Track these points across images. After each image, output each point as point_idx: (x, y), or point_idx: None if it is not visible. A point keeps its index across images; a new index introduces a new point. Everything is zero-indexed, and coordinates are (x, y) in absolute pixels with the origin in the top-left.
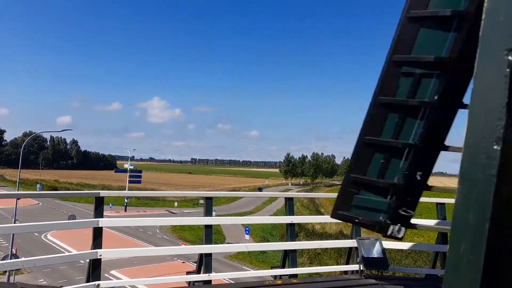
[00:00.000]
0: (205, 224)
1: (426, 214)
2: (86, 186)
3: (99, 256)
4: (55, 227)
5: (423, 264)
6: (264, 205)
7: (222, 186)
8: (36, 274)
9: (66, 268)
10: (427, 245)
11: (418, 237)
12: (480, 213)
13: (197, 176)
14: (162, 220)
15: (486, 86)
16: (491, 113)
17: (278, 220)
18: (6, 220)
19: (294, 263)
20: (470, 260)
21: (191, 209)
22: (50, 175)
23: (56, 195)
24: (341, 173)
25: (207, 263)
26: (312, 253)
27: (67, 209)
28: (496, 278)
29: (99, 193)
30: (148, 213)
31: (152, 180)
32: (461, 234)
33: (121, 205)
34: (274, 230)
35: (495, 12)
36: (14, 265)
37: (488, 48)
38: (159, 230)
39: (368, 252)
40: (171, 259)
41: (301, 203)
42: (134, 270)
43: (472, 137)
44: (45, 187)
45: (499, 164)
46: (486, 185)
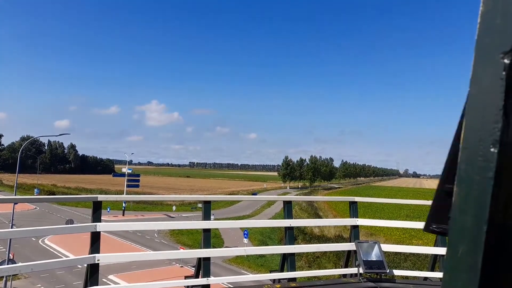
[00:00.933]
0: (204, 228)
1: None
2: (84, 190)
3: (97, 261)
4: (53, 231)
5: (422, 267)
6: (263, 209)
7: (221, 190)
8: (33, 279)
9: (64, 273)
10: (425, 247)
11: (416, 240)
12: (477, 215)
13: (195, 180)
14: (160, 224)
15: (483, 89)
16: (488, 116)
17: (276, 224)
18: (3, 224)
19: (292, 266)
20: (468, 263)
21: (189, 213)
22: (47, 179)
23: (53, 200)
24: (339, 176)
25: (206, 267)
26: (311, 256)
27: (65, 214)
28: (495, 281)
29: (97, 198)
30: (146, 217)
31: (150, 184)
32: (459, 237)
33: (119, 210)
34: (273, 234)
35: (491, 15)
36: (11, 270)
37: (484, 51)
38: (157, 234)
39: (366, 255)
40: (169, 264)
41: (300, 206)
42: (132, 275)
43: (469, 140)
44: (42, 191)
45: (496, 166)
46: (484, 188)
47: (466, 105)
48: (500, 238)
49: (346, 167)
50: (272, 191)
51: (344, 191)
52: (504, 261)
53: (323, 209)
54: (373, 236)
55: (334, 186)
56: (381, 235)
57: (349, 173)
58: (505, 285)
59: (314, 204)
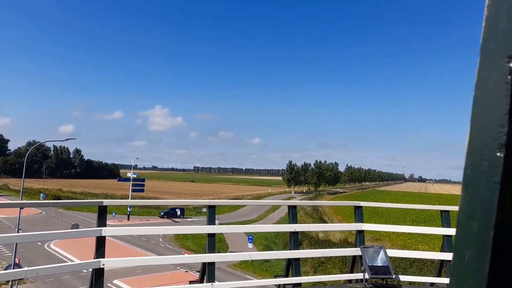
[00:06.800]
0: (208, 232)
1: (431, 222)
2: (89, 195)
3: (102, 265)
4: (58, 236)
5: (428, 272)
6: (267, 214)
7: (225, 195)
8: (39, 283)
9: (69, 278)
10: (431, 253)
11: (422, 245)
12: (484, 220)
13: (200, 185)
14: (165, 229)
15: (488, 93)
16: (493, 120)
17: (281, 229)
18: (10, 229)
19: (297, 271)
20: (475, 268)
21: (194, 218)
22: (53, 184)
23: (59, 205)
24: (344, 180)
25: (210, 272)
26: (316, 261)
27: (71, 218)
28: (502, 286)
29: (102, 202)
30: (151, 222)
31: (155, 188)
32: (466, 242)
33: (124, 214)
34: (278, 239)
35: (495, 19)
36: (17, 274)
37: (489, 55)
38: (162, 239)
39: (372, 260)
40: (174, 268)
41: (304, 211)
42: (137, 280)
43: (475, 144)
44: (48, 196)
45: (503, 171)
46: (490, 192)
47: (472, 110)
48: (507, 243)
49: (351, 172)
50: (277, 196)
51: (349, 195)
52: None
53: (328, 213)
54: (379, 241)
55: (339, 191)
56: (387, 240)
57: (354, 177)
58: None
59: (319, 209)
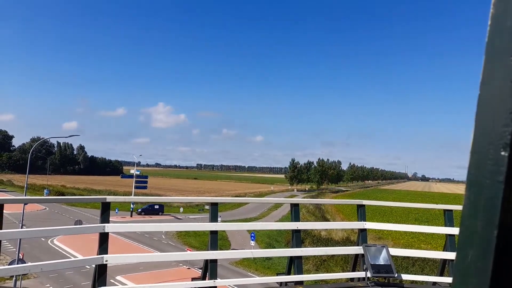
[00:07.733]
0: (211, 230)
1: (433, 221)
2: (93, 191)
3: (105, 262)
4: (62, 232)
5: (431, 271)
6: (270, 211)
7: (228, 192)
8: (42, 279)
9: (72, 273)
10: (434, 252)
11: (425, 244)
12: (488, 219)
13: (203, 182)
14: (168, 226)
15: (493, 92)
16: (498, 119)
17: (283, 226)
18: (13, 225)
19: (299, 269)
20: (478, 268)
21: (196, 215)
22: (57, 180)
23: (63, 201)
24: (347, 179)
25: (213, 269)
26: (318, 259)
27: (74, 215)
28: (505, 286)
29: (105, 199)
30: (153, 218)
31: (158, 185)
32: (469, 241)
33: (127, 211)
34: (280, 237)
35: (501, 18)
36: (21, 270)
37: (494, 54)
38: (164, 235)
39: (374, 259)
40: (176, 265)
41: (307, 209)
42: (139, 276)
43: (479, 143)
44: (52, 192)
45: (507, 170)
46: (494, 191)
47: (476, 109)
48: (511, 243)
49: (354, 170)
50: (279, 194)
51: (352, 194)
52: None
53: (330, 212)
54: (381, 240)
55: (341, 189)
56: (389, 239)
57: (356, 176)
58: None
59: (322, 207)
